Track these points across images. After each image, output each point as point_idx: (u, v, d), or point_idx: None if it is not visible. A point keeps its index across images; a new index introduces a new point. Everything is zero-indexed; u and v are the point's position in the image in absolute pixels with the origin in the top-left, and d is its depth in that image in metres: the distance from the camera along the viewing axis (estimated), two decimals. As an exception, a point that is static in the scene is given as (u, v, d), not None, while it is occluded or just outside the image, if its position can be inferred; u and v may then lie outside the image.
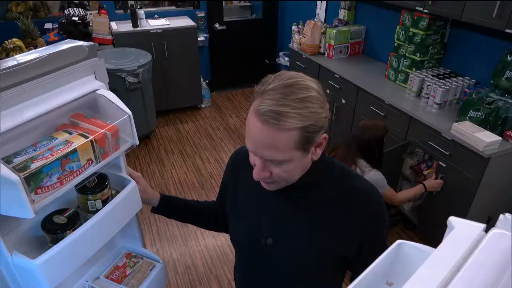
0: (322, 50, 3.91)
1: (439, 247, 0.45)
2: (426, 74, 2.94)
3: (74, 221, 1.28)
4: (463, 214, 2.48)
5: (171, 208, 1.30)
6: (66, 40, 1.37)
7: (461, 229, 0.45)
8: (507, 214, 0.44)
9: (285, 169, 0.85)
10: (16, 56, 1.20)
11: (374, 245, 0.95)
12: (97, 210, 1.34)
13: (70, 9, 4.03)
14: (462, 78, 2.87)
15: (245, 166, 0.95)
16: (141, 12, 4.24)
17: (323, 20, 4.33)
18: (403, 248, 0.54)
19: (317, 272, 0.98)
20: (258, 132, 0.80)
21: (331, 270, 1.00)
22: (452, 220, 0.47)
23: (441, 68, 3.12)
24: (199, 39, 4.71)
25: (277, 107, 0.77)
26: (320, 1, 4.42)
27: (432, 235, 2.77)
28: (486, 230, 0.47)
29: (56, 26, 4.05)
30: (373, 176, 2.29)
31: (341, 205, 0.94)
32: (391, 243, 0.57)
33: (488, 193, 2.42)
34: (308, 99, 0.79)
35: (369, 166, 2.30)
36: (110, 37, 4.09)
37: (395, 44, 3.21)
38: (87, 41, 1.42)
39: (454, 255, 0.42)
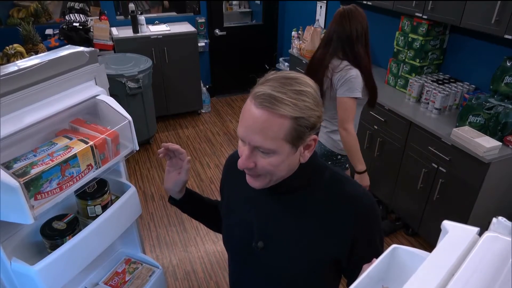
0: (322, 56, 3.92)
1: (434, 251, 0.45)
2: (426, 80, 2.95)
3: (74, 227, 1.29)
4: (464, 219, 2.48)
5: (193, 203, 1.24)
6: (67, 46, 1.38)
7: (455, 233, 0.46)
8: (500, 217, 0.44)
9: (270, 161, 0.85)
10: (17, 61, 1.21)
11: (365, 251, 0.94)
12: (97, 216, 1.35)
13: (71, 15, 4.06)
14: (461, 84, 2.88)
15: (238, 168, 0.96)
16: (141, 18, 4.26)
17: (322, 26, 4.35)
18: (398, 252, 0.54)
19: (309, 275, 0.98)
20: (251, 116, 0.81)
21: (323, 274, 1.00)
22: (446, 224, 0.47)
23: (441, 73, 3.13)
24: (199, 44, 4.73)
25: (273, 92, 0.79)
26: (319, 7, 4.44)
27: (433, 241, 2.76)
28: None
29: (57, 31, 4.07)
30: (354, 74, 1.98)
31: (332, 209, 0.94)
32: None
33: (489, 199, 2.41)
34: (305, 93, 0.81)
35: (349, 65, 2.01)
36: (110, 43, 4.11)
37: (395, 50, 3.22)
38: (88, 46, 1.43)
39: (449, 259, 0.42)
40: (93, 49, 1.35)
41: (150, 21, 4.53)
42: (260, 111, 0.79)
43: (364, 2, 3.36)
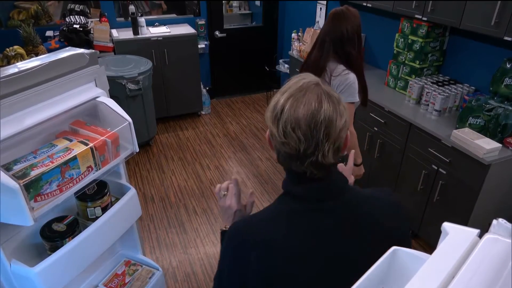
0: (321, 58, 3.92)
1: (434, 253, 0.45)
2: (426, 81, 2.96)
3: (74, 229, 1.28)
4: (464, 221, 2.47)
5: None
6: (67, 48, 1.38)
7: (455, 235, 0.46)
8: (500, 219, 0.44)
9: None
10: (17, 63, 1.21)
11: None
12: (97, 218, 1.35)
13: (71, 16, 4.06)
14: (461, 85, 2.88)
15: None
16: (141, 20, 4.27)
17: (322, 28, 4.35)
18: (398, 254, 0.54)
19: None
20: None
21: None
22: (446, 226, 0.47)
23: (440, 75, 3.13)
24: (199, 46, 4.74)
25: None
26: (319, 9, 4.45)
27: (433, 243, 2.75)
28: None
29: (57, 33, 4.07)
30: (352, 79, 2.00)
31: None
32: None
33: (489, 200, 2.41)
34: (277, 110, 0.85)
35: (346, 69, 2.03)
36: (111, 45, 4.11)
37: (395, 52, 3.22)
38: (88, 48, 1.44)
39: (449, 261, 0.42)
40: (93, 51, 1.35)
41: (150, 23, 4.54)
42: None
43: (364, 3, 3.37)
